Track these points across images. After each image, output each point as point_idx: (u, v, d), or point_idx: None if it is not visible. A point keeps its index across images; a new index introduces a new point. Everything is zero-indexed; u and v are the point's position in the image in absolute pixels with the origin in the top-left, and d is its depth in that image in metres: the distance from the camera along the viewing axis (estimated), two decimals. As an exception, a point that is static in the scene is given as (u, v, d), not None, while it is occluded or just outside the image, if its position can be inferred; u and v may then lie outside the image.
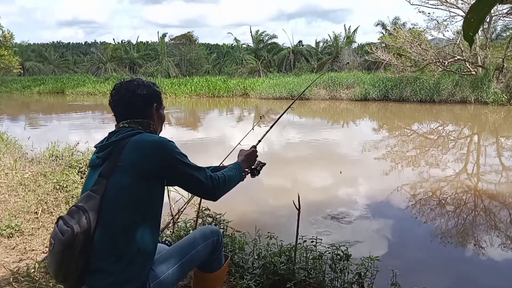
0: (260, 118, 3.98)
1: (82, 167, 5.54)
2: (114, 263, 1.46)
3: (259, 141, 2.18)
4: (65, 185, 4.57)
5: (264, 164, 2.04)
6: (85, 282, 1.49)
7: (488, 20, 18.60)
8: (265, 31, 41.77)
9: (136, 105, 1.65)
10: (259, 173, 2.03)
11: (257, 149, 2.05)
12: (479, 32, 18.61)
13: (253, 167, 2.00)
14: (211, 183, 1.63)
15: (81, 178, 5.20)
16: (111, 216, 1.48)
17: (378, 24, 31.54)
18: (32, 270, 2.64)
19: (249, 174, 2.00)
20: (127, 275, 1.47)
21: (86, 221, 1.45)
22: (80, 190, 4.33)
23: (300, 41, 38.44)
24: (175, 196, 3.66)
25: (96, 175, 1.54)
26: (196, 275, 1.92)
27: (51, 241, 1.46)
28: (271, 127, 2.32)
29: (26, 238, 3.39)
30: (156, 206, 1.59)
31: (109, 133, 1.64)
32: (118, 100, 1.66)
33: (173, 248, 1.74)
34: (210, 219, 3.26)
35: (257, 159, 2.02)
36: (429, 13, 21.16)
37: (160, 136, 1.63)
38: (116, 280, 1.46)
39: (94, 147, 1.65)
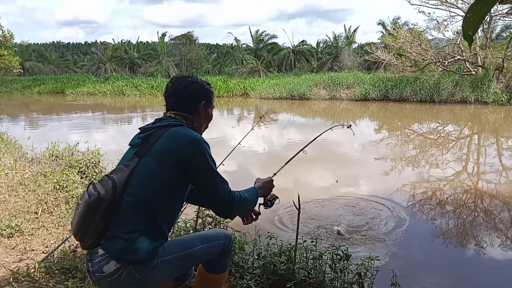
0: (260, 118, 3.98)
1: (82, 167, 5.53)
2: (130, 233, 1.56)
3: (275, 174, 2.19)
4: (65, 185, 4.56)
5: (277, 197, 2.07)
6: (99, 245, 1.59)
7: (488, 20, 18.58)
8: (265, 31, 41.76)
9: (186, 99, 1.77)
10: (272, 205, 2.06)
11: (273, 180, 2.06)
12: (479, 32, 18.60)
13: (267, 197, 2.03)
14: (229, 197, 1.70)
15: (81, 178, 5.19)
16: (135, 192, 1.59)
17: (379, 23, 31.55)
18: (32, 270, 2.64)
19: (262, 206, 2.04)
20: (138, 245, 1.56)
21: (112, 190, 1.57)
22: (80, 190, 4.35)
23: (303, 41, 38.45)
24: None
25: (132, 153, 1.67)
26: (200, 273, 1.95)
27: (78, 201, 1.61)
28: (286, 163, 2.32)
29: (26, 238, 3.39)
30: (177, 196, 1.68)
31: (155, 119, 1.76)
32: (171, 92, 1.79)
33: (187, 237, 1.88)
34: (210, 219, 3.26)
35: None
36: (429, 13, 21.18)
37: (198, 134, 1.71)
38: (128, 247, 1.55)
39: (139, 128, 1.75)
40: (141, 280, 1.59)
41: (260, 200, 2.06)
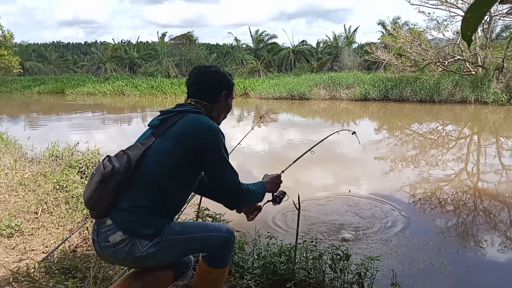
0: (260, 118, 3.98)
1: (82, 167, 5.54)
2: (139, 208, 1.63)
3: (283, 171, 2.21)
4: (65, 185, 4.56)
5: (285, 193, 2.10)
6: (108, 215, 1.64)
7: (488, 20, 18.58)
8: (265, 31, 41.78)
9: (208, 89, 1.83)
10: (281, 201, 2.08)
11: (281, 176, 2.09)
12: (479, 32, 18.60)
13: (275, 194, 2.06)
14: (237, 188, 1.74)
15: (81, 178, 5.19)
16: (147, 170, 1.65)
17: (379, 23, 31.57)
18: (32, 270, 2.64)
19: (271, 202, 2.07)
20: (146, 220, 1.62)
21: (126, 165, 1.62)
22: (81, 190, 4.35)
23: (303, 41, 38.45)
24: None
25: (149, 133, 1.74)
26: (200, 267, 1.95)
27: (93, 171, 1.67)
28: (294, 162, 2.37)
29: (26, 238, 3.39)
30: (187, 181, 1.73)
31: (176, 104, 1.83)
32: (194, 80, 1.85)
33: (192, 223, 2.05)
34: (210, 219, 3.26)
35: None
36: (429, 13, 21.13)
37: (215, 123, 1.75)
38: (136, 220, 1.61)
39: (159, 111, 1.82)
40: (143, 255, 1.61)
41: (269, 196, 2.06)
